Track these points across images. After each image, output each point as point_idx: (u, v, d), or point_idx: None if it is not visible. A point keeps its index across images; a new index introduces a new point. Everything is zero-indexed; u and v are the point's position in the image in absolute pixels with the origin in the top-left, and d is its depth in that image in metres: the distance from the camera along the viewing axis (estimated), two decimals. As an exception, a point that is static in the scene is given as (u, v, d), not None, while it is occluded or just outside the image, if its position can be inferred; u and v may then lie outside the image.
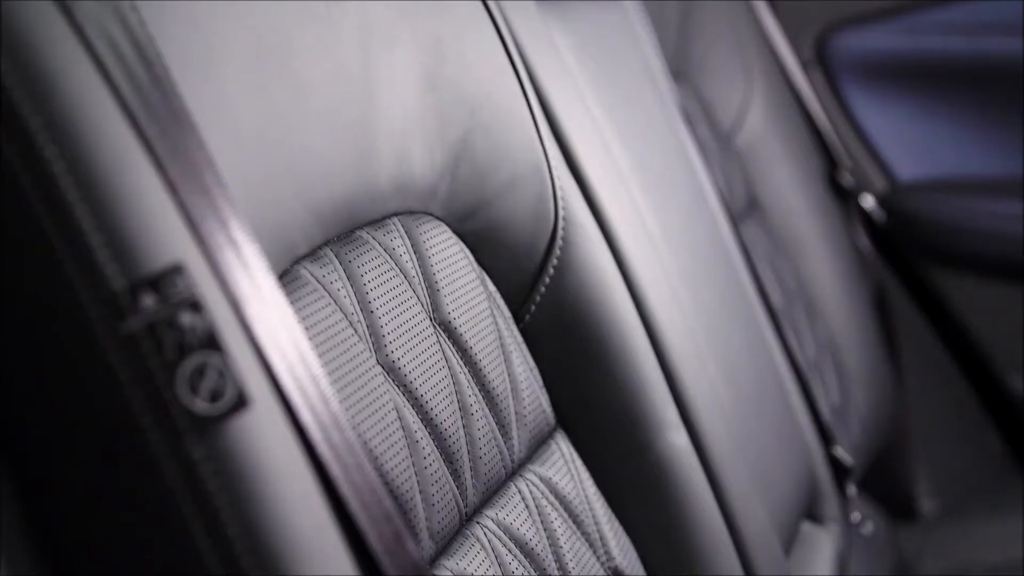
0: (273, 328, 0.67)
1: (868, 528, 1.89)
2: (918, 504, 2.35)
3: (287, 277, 0.86)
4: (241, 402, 0.63)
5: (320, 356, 0.82)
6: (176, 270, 0.63)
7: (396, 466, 0.88)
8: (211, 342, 0.62)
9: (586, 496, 1.11)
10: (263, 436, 0.64)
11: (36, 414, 0.65)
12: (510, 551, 0.98)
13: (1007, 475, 2.34)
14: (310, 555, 0.65)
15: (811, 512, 1.63)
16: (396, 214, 1.01)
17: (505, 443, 1.04)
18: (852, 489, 1.77)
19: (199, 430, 0.62)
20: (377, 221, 0.98)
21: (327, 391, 0.70)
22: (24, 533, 0.65)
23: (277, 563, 0.63)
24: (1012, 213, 2.30)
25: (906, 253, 2.37)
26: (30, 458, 0.65)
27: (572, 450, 1.13)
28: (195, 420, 0.62)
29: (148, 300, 0.61)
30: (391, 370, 0.92)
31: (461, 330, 1.02)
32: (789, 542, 1.48)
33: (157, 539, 0.63)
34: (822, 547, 1.60)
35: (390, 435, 0.88)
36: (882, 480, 2.22)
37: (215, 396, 0.62)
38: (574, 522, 1.07)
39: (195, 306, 0.62)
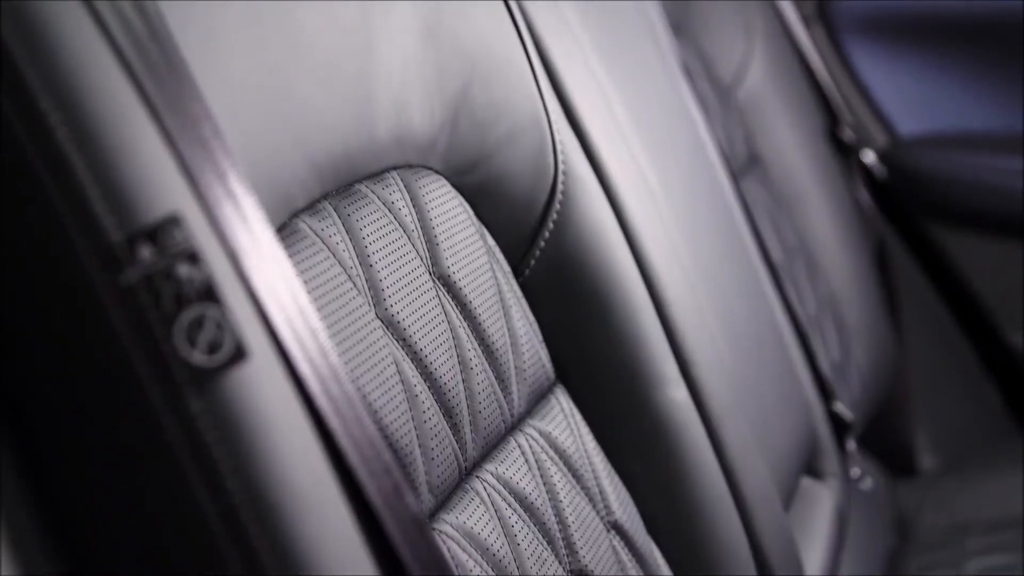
0: (271, 281, 0.67)
1: (867, 484, 1.89)
2: (917, 460, 2.35)
3: (285, 231, 0.86)
4: (239, 354, 0.63)
5: (319, 310, 0.82)
6: (173, 222, 0.62)
7: (395, 420, 0.87)
8: (209, 294, 0.62)
9: (586, 450, 1.10)
10: (262, 388, 0.64)
11: (34, 368, 0.64)
12: (510, 505, 0.98)
13: (1006, 431, 2.34)
14: (309, 507, 0.64)
15: (811, 467, 1.63)
16: (395, 168, 1.00)
17: (504, 397, 1.04)
18: (852, 445, 1.77)
19: (197, 382, 0.62)
20: (376, 175, 0.98)
21: (326, 344, 0.70)
22: (22, 486, 0.65)
23: (276, 515, 0.63)
24: (1013, 168, 2.29)
25: (907, 209, 2.36)
26: (28, 412, 0.65)
27: (572, 405, 1.13)
28: (193, 372, 0.62)
29: (146, 252, 0.61)
30: (390, 324, 0.91)
31: (460, 284, 1.02)
32: (789, 497, 1.48)
33: (155, 492, 0.63)
34: (821, 502, 1.60)
35: (389, 389, 0.88)
36: (882, 436, 2.22)
37: (213, 348, 0.62)
38: (574, 476, 1.07)
39: (193, 258, 0.62)
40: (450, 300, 1.00)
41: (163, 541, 0.64)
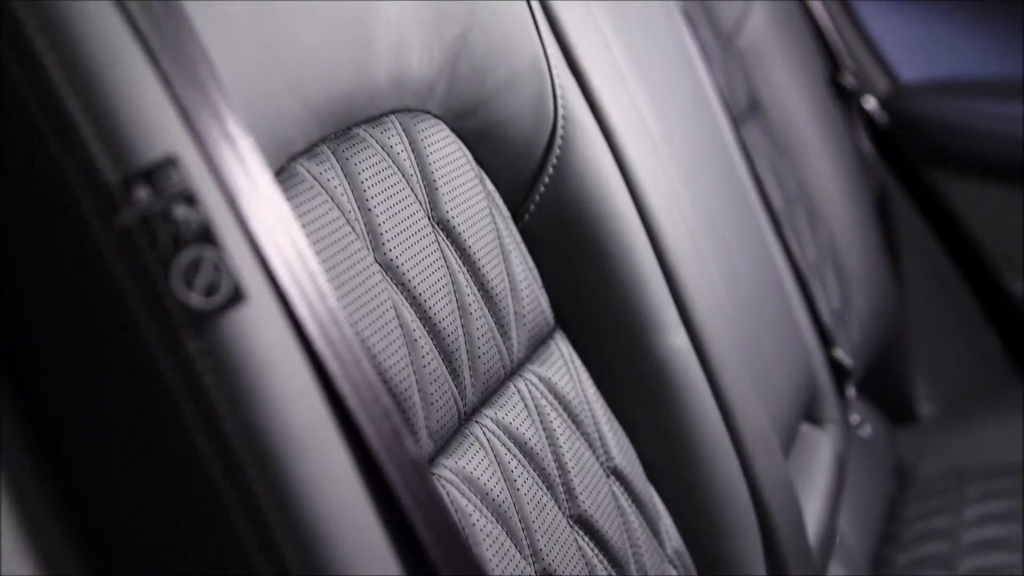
0: (269, 223, 0.67)
1: (867, 431, 1.89)
2: (917, 407, 2.36)
3: (283, 174, 0.85)
4: (237, 297, 0.62)
5: (317, 254, 0.82)
6: (170, 163, 0.62)
7: (394, 364, 0.87)
8: (206, 236, 0.62)
9: (585, 396, 1.10)
10: (260, 331, 0.64)
11: (31, 311, 0.64)
12: (509, 450, 0.98)
13: (1006, 378, 2.34)
14: (307, 450, 0.64)
15: (810, 414, 1.63)
16: (394, 112, 1.00)
17: (504, 343, 1.03)
18: (851, 391, 1.77)
19: (195, 325, 0.61)
20: (374, 119, 0.97)
21: (324, 287, 0.69)
22: (21, 432, 0.64)
23: (274, 457, 0.63)
24: (1014, 114, 2.29)
25: (908, 155, 2.36)
26: (26, 357, 0.64)
27: (571, 350, 1.13)
28: (191, 315, 0.61)
29: (142, 193, 0.61)
30: (389, 268, 0.91)
31: (460, 229, 1.01)
32: (788, 443, 1.48)
33: (153, 435, 0.63)
34: (821, 449, 1.61)
35: (388, 333, 0.88)
36: (881, 383, 2.22)
37: (210, 290, 0.62)
38: (573, 422, 1.07)
39: (190, 199, 0.62)
40: (449, 245, 1.00)
41: (161, 484, 0.64)
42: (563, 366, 1.10)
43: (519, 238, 1.12)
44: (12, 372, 0.65)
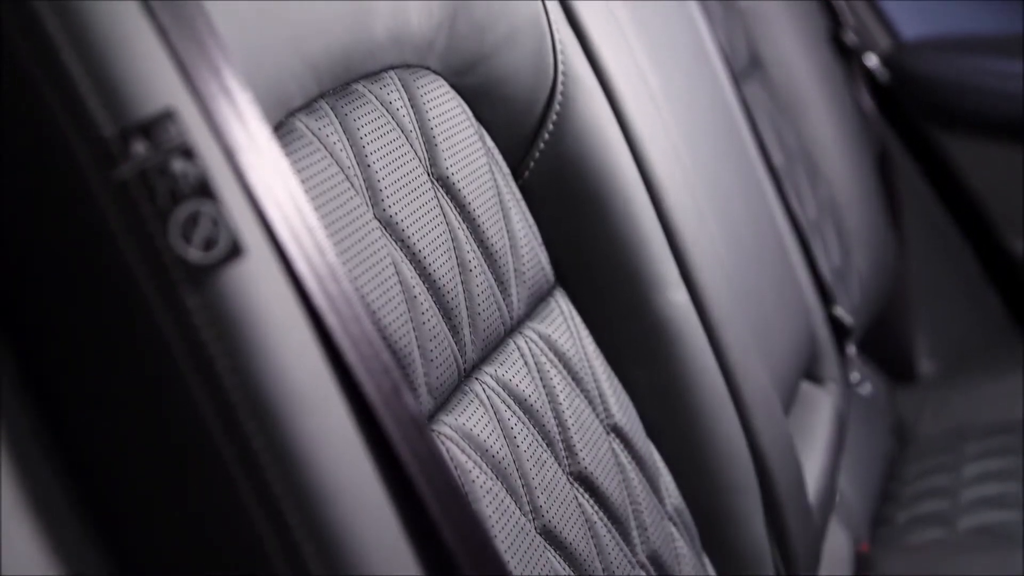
0: (267, 178, 0.66)
1: (867, 389, 1.90)
2: (917, 365, 2.36)
3: (282, 129, 0.85)
4: (235, 251, 0.62)
5: (316, 209, 0.81)
6: (167, 116, 0.61)
7: (394, 321, 0.87)
8: (204, 190, 0.61)
9: (585, 353, 1.10)
10: (258, 286, 0.63)
11: (28, 267, 0.64)
12: (509, 407, 0.97)
13: (1006, 336, 2.34)
14: (306, 406, 0.64)
15: (810, 372, 1.63)
16: (393, 67, 0.99)
17: (504, 300, 1.03)
18: (851, 349, 1.77)
19: (193, 279, 0.61)
20: (374, 74, 0.97)
21: (323, 242, 0.69)
22: (20, 386, 0.64)
23: (273, 412, 0.62)
24: (1016, 71, 2.28)
25: (909, 113, 2.35)
26: (24, 312, 0.64)
27: (571, 307, 1.13)
28: (189, 269, 0.61)
29: (139, 147, 0.60)
30: (388, 225, 0.91)
31: (459, 186, 1.01)
32: (788, 401, 1.48)
33: (152, 391, 0.63)
34: (821, 407, 1.61)
35: (387, 290, 0.87)
36: (881, 341, 2.22)
37: (209, 245, 0.61)
38: (573, 379, 1.07)
39: (187, 153, 0.61)
40: (449, 201, 1.00)
41: (161, 440, 0.64)
42: (563, 323, 1.10)
43: (519, 195, 1.11)
44: (10, 332, 0.64)
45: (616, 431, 1.09)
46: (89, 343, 0.63)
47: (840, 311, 1.75)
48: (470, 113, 1.07)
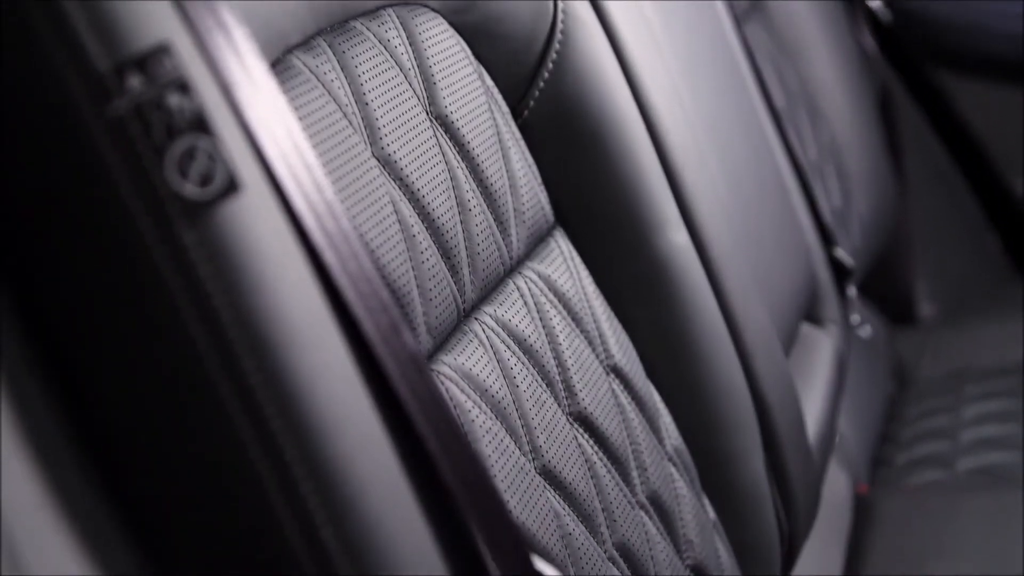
0: (264, 113, 0.66)
1: (867, 331, 1.89)
2: (917, 308, 2.36)
3: (279, 67, 0.84)
4: (232, 187, 0.62)
5: (313, 147, 0.81)
6: (163, 50, 0.61)
7: (393, 260, 0.87)
8: (200, 124, 0.61)
9: (585, 294, 1.10)
10: (256, 222, 0.63)
11: (24, 204, 0.63)
12: (508, 348, 0.97)
13: (1006, 278, 2.34)
14: (304, 342, 0.64)
15: (811, 314, 1.63)
16: (390, 5, 0.98)
17: (503, 240, 1.03)
18: (852, 291, 1.77)
19: (190, 215, 0.61)
20: (371, 12, 0.96)
21: (321, 179, 0.68)
22: (17, 321, 0.64)
23: (271, 349, 0.62)
24: (1018, 12, 2.26)
25: (911, 54, 2.34)
26: (20, 249, 0.64)
27: (571, 248, 1.12)
28: (185, 205, 0.60)
29: (134, 81, 0.59)
30: (387, 163, 0.90)
31: (458, 124, 1.00)
32: (788, 343, 1.48)
33: (149, 328, 0.62)
34: (821, 348, 1.60)
35: (386, 229, 0.87)
36: (882, 284, 2.22)
37: (205, 180, 0.61)
38: (573, 320, 1.06)
39: (183, 87, 0.61)
40: (448, 140, 0.99)
41: (158, 375, 0.63)
42: (563, 263, 1.09)
43: (518, 134, 1.11)
44: (6, 268, 0.64)
45: (616, 371, 1.09)
46: (85, 280, 0.63)
47: (841, 253, 1.74)
48: (469, 51, 1.06)
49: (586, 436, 1.02)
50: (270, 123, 0.66)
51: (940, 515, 1.64)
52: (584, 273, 1.12)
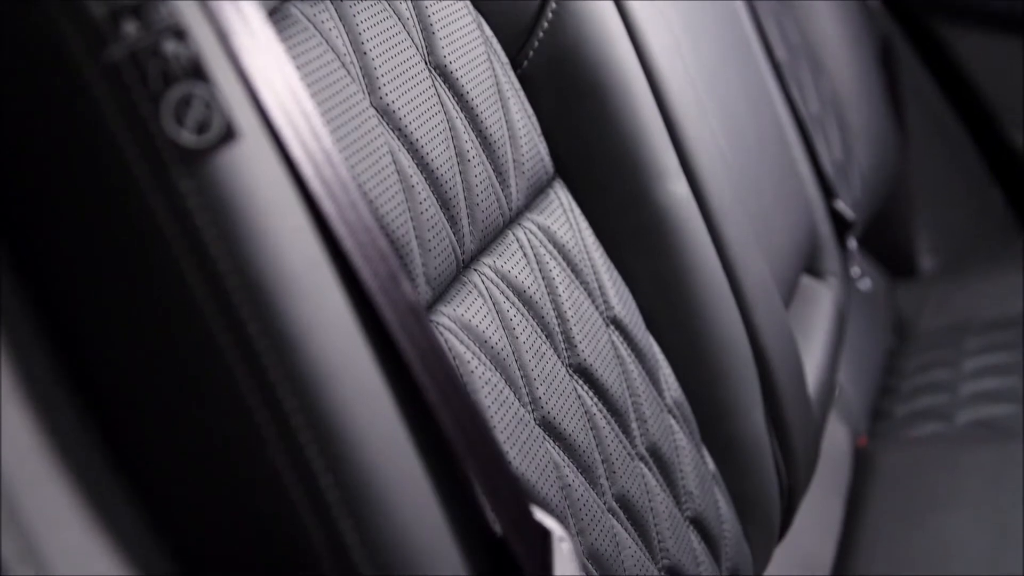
0: (262, 61, 0.65)
1: (867, 284, 1.89)
2: (918, 261, 2.35)
3: (277, 15, 0.83)
4: (229, 134, 0.61)
5: (311, 97, 0.80)
6: (158, -4, 0.60)
7: (391, 210, 0.86)
8: (196, 71, 0.60)
9: (585, 245, 1.09)
10: (253, 170, 0.63)
11: (19, 151, 0.63)
12: (508, 299, 0.97)
13: (1007, 231, 2.34)
14: (303, 290, 0.63)
15: (811, 266, 1.62)
16: (390, -46, 0.98)
17: (503, 191, 1.02)
18: (852, 244, 1.76)
19: (186, 162, 0.60)
20: (370, -39, 0.95)
21: (319, 127, 0.68)
22: (13, 268, 0.63)
23: (268, 297, 0.62)
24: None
25: (912, 6, 2.33)
26: (16, 196, 0.63)
27: (571, 199, 1.12)
28: (182, 152, 0.60)
29: (130, 27, 0.59)
30: (385, 113, 0.90)
31: (457, 74, 0.99)
32: (789, 295, 1.48)
33: (146, 276, 0.62)
34: (821, 301, 1.60)
35: (385, 179, 0.86)
36: (882, 237, 2.22)
37: (202, 128, 0.60)
38: (572, 271, 1.06)
39: (179, 34, 0.60)
40: (447, 90, 0.98)
41: (156, 327, 0.63)
42: (562, 215, 1.09)
43: (518, 85, 1.10)
44: (2, 214, 0.64)
45: (615, 323, 1.09)
46: (82, 228, 0.63)
47: (841, 205, 1.74)
48: (468, 1, 1.05)
49: (586, 388, 1.02)
50: (267, 71, 0.65)
51: (940, 467, 1.65)
52: (584, 224, 1.11)
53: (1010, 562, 1.43)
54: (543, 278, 1.02)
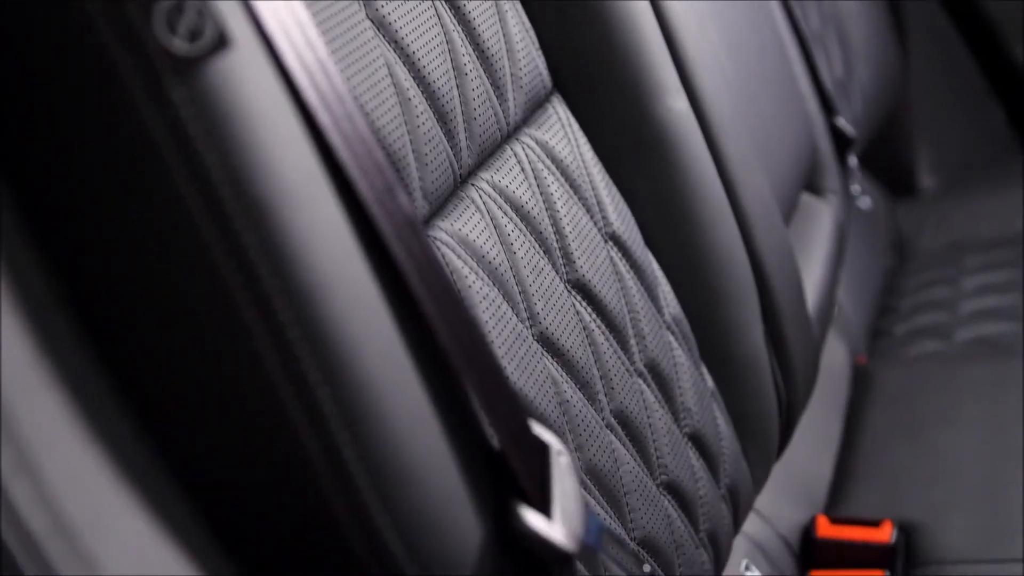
0: (254, -32, 0.64)
1: (867, 203, 1.88)
2: (918, 179, 2.35)
3: (270, -76, 0.82)
4: (222, 42, 0.60)
5: (306, 6, 0.79)
6: (148, -100, 0.59)
7: (388, 123, 0.85)
8: (188, -23, 0.59)
9: (583, 161, 1.09)
10: (246, 78, 0.62)
11: (10, 62, 0.62)
12: (506, 214, 0.96)
13: (1008, 149, 2.33)
14: (297, 201, 0.63)
15: (811, 183, 1.62)
16: None
17: (500, 105, 1.01)
18: (853, 161, 1.76)
19: (179, 71, 0.59)
20: None
21: (314, 37, 0.67)
22: (19, 223, 0.63)
23: (263, 208, 0.61)
24: None
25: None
26: (8, 111, 0.62)
27: (569, 114, 1.11)
28: (174, 60, 0.59)
29: (120, -67, 0.58)
30: (381, 25, 0.88)
31: (454, -14, 0.98)
32: (788, 212, 1.47)
33: (139, 186, 0.61)
34: (821, 218, 1.60)
35: (380, 91, 0.85)
36: (883, 156, 2.21)
37: (194, 36, 0.59)
38: (571, 187, 1.05)
39: (170, -60, 0.59)
40: (443, 2, 0.97)
41: (150, 238, 0.62)
42: (560, 130, 1.08)
43: (516, -2, 1.09)
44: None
45: (614, 239, 1.08)
46: (73, 139, 0.62)
47: (842, 122, 1.73)
48: (465, -88, 1.04)
49: (584, 304, 1.01)
50: (260, -22, 0.64)
51: (939, 385, 1.65)
52: (582, 140, 1.10)
53: (1008, 479, 1.44)
54: (541, 193, 1.01)
